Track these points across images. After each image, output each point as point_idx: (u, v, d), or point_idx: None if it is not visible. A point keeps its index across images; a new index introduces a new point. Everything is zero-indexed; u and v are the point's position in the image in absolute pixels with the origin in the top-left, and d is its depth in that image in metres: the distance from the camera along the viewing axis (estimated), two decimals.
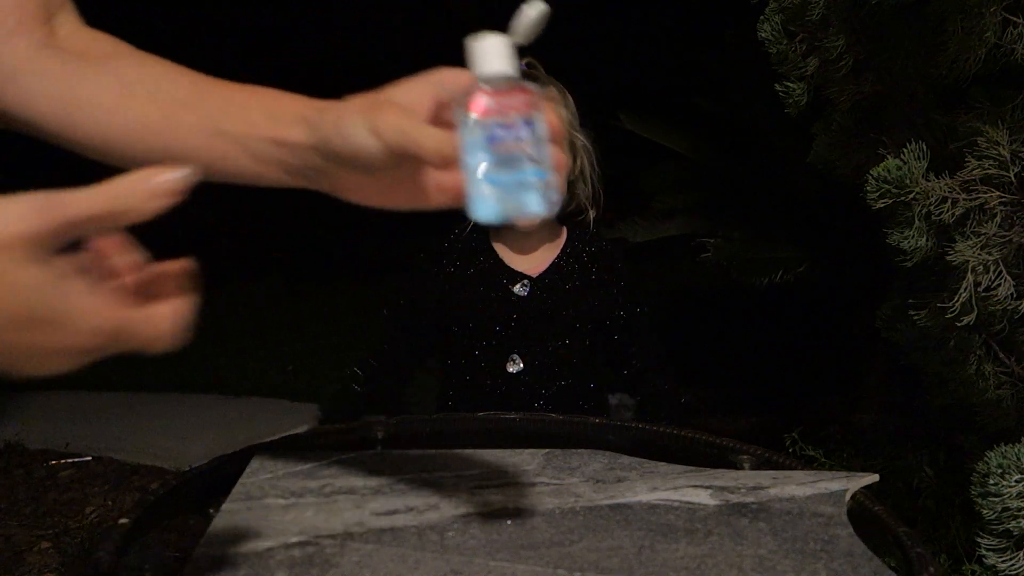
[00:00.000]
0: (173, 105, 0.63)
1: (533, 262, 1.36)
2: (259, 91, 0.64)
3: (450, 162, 0.54)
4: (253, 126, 0.61)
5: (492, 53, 0.55)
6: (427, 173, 0.59)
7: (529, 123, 0.53)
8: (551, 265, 1.35)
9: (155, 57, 0.67)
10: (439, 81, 0.59)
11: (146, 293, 0.47)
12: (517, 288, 1.33)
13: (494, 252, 1.36)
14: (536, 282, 1.34)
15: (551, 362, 1.33)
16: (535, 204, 0.53)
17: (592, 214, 1.37)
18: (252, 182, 0.64)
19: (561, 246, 1.37)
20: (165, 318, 0.47)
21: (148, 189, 0.43)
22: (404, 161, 0.56)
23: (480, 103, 0.54)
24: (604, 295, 1.36)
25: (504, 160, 0.53)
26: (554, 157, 0.55)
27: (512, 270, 1.35)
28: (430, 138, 0.54)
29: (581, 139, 1.32)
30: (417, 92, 0.58)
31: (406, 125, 0.55)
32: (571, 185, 1.33)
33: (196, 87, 0.64)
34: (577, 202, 1.35)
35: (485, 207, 0.54)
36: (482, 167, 0.53)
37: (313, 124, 0.59)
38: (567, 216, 1.39)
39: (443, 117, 0.58)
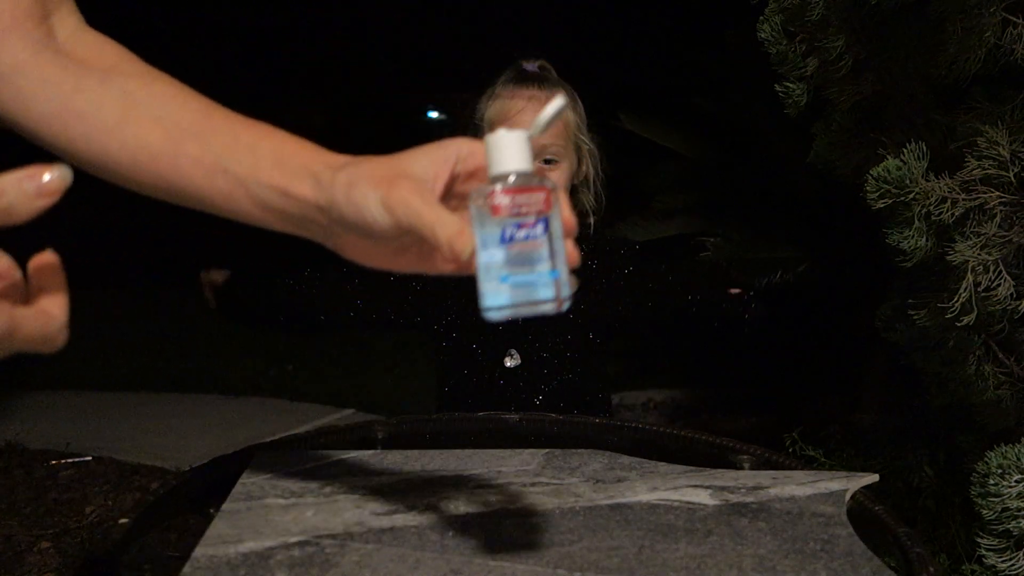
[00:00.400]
0: (177, 133, 0.60)
1: None
2: (271, 132, 0.61)
3: (460, 259, 0.53)
4: (259, 170, 0.59)
5: (510, 150, 0.55)
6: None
7: (545, 220, 0.54)
8: None
9: (166, 77, 0.64)
10: (456, 154, 0.58)
11: (25, 294, 0.46)
12: None
13: None
14: None
15: (549, 357, 1.32)
16: (547, 304, 0.54)
17: (594, 219, 1.36)
18: (250, 223, 0.61)
19: None
20: (52, 314, 0.46)
21: (33, 188, 0.42)
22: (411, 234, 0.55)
23: (496, 201, 0.54)
24: (606, 290, 1.35)
25: (518, 259, 0.54)
26: (568, 253, 0.55)
27: None
28: (444, 228, 0.53)
29: (588, 144, 1.32)
30: (433, 164, 0.57)
31: (421, 208, 0.54)
32: (575, 190, 1.33)
33: (205, 116, 0.61)
34: (580, 207, 1.35)
35: (496, 301, 0.54)
36: (496, 265, 0.53)
37: (323, 184, 0.57)
38: None
39: (456, 190, 0.58)
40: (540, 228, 0.54)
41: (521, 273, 0.54)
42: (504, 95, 1.30)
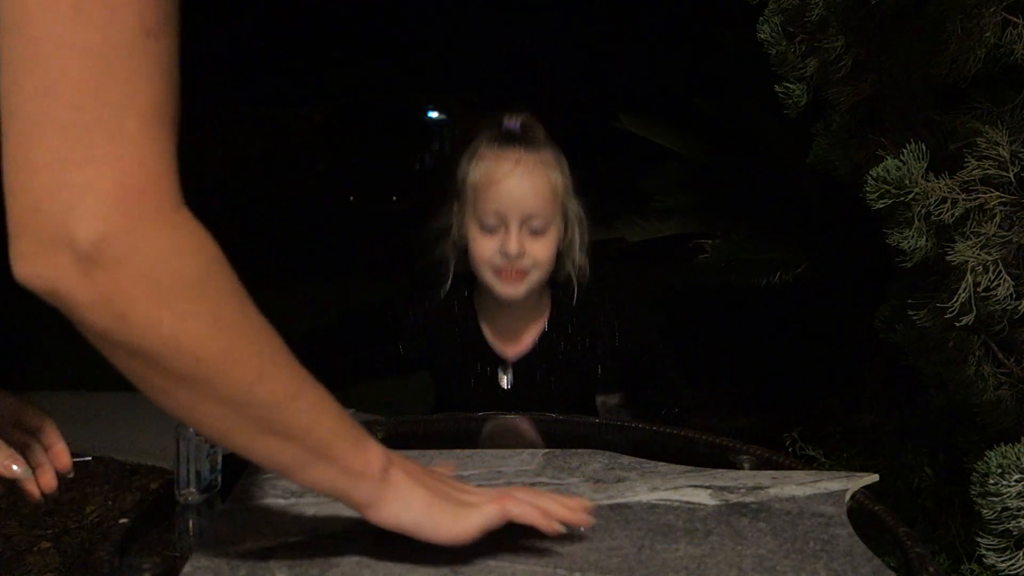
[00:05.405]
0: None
1: (517, 341, 1.32)
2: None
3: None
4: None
5: None
6: None
7: None
8: (536, 343, 1.32)
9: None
10: None
11: None
12: (503, 382, 1.31)
13: (478, 328, 1.33)
14: (520, 366, 1.31)
15: (541, 385, 1.32)
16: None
17: (577, 285, 1.31)
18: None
19: (547, 319, 1.33)
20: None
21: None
22: None
23: None
24: (592, 363, 1.33)
25: None
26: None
27: (496, 355, 1.32)
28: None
29: (574, 207, 1.27)
30: None
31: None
32: (561, 256, 1.28)
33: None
34: (565, 272, 1.30)
35: None
36: None
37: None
38: (553, 285, 1.33)
39: None
40: None
41: None
42: (488, 157, 1.23)
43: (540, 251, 1.23)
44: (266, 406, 0.58)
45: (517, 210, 1.21)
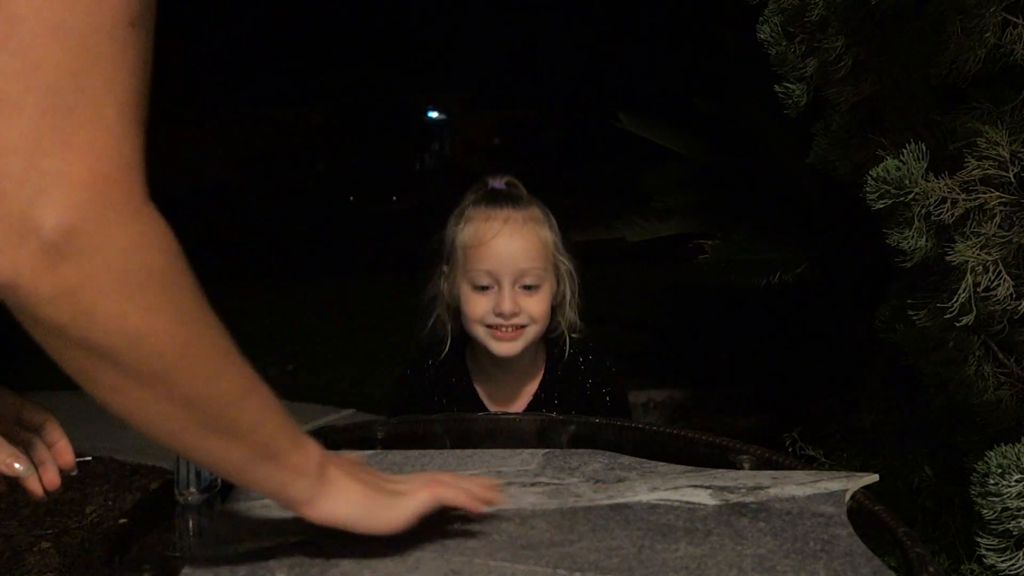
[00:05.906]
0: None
1: (513, 402, 1.33)
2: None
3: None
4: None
5: None
6: None
7: None
8: (531, 404, 1.32)
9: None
10: None
11: None
12: None
13: (473, 391, 1.33)
14: None
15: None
16: None
17: (569, 342, 1.31)
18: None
19: (540, 377, 1.33)
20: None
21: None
22: None
23: None
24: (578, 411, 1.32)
25: None
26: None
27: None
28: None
29: (565, 263, 1.27)
30: None
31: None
32: (554, 311, 1.27)
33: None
34: (559, 330, 1.30)
35: None
36: None
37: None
38: (547, 342, 1.33)
39: None
40: None
41: None
42: (477, 217, 1.23)
43: (535, 307, 1.23)
44: (220, 404, 0.57)
45: (510, 268, 1.21)
